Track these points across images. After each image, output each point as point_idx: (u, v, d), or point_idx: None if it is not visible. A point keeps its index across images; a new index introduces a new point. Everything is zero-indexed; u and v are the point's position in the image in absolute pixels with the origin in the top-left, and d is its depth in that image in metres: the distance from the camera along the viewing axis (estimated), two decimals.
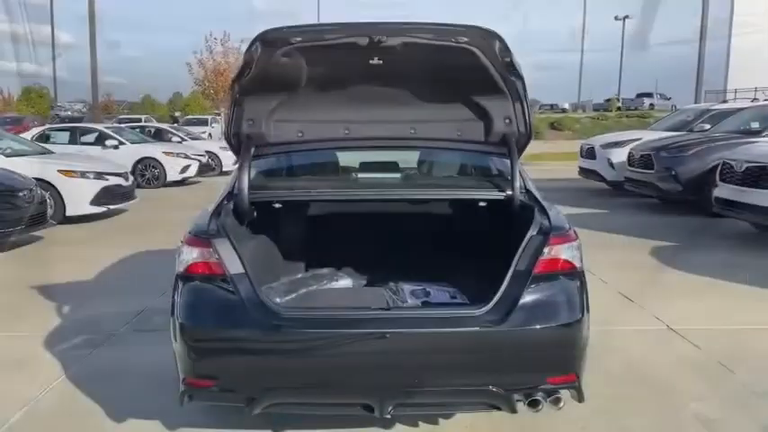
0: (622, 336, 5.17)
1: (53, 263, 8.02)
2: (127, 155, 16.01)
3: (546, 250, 3.21)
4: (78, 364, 4.67)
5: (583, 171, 14.94)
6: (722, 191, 9.11)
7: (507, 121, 3.75)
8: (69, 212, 10.72)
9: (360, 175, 4.31)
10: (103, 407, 3.96)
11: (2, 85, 52.50)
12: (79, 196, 10.85)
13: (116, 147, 16.21)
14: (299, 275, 4.28)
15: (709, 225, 10.17)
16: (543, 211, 3.45)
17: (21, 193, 8.75)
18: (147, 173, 16.59)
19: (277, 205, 3.86)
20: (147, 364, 4.52)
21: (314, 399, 3.18)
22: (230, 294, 3.13)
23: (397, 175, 4.32)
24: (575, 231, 3.37)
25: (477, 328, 3.03)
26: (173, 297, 3.28)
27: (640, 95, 55.20)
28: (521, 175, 3.70)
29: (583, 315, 3.19)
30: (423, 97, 3.76)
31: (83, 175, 11.07)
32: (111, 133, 17.07)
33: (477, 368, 3.10)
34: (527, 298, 3.13)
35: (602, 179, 14.17)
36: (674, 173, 11.36)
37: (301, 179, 4.37)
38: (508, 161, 3.84)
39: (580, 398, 3.23)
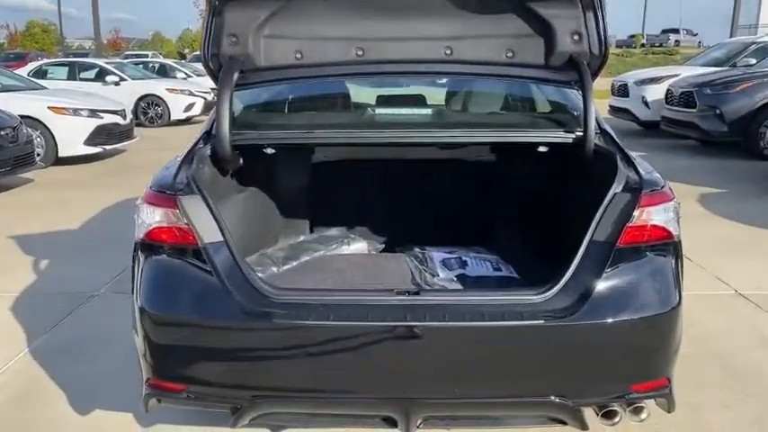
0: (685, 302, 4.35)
1: (38, 209, 7.31)
2: (128, 92, 15.16)
3: (636, 214, 2.36)
4: (48, 334, 3.99)
5: (614, 110, 13.87)
6: None
7: (576, 37, 2.80)
8: (62, 153, 9.99)
9: (377, 111, 3.40)
10: (68, 391, 3.26)
11: (8, 20, 51.10)
12: (72, 135, 10.07)
13: (117, 83, 15.41)
14: (302, 238, 3.47)
15: (758, 169, 9.23)
16: (628, 161, 2.58)
17: (2, 132, 7.94)
18: (150, 111, 15.76)
19: (269, 150, 3.00)
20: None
21: (317, 409, 2.41)
22: (203, 271, 2.34)
23: (426, 111, 3.40)
24: (670, 188, 2.51)
25: (541, 322, 2.22)
26: (132, 272, 2.48)
27: (665, 31, 52.97)
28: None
29: (680, 301, 2.37)
30: (462, 5, 2.80)
31: (75, 112, 10.27)
32: (112, 69, 16.18)
33: (537, 374, 2.32)
34: (608, 279, 2.32)
35: (635, 119, 13.16)
36: (718, 111, 10.44)
37: (300, 116, 3.47)
38: (577, 91, 2.93)
39: (670, 407, 2.46)
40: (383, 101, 3.65)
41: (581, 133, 2.77)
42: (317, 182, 3.67)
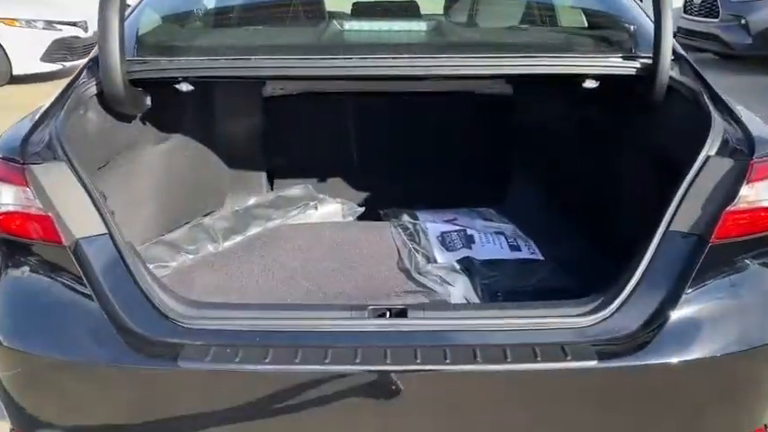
0: None
1: None
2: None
3: (742, 193, 1.54)
4: None
5: None
6: None
7: None
8: (17, 71, 8.98)
9: (349, 26, 2.42)
10: None
11: None
12: (26, 51, 9.01)
13: None
14: (253, 200, 2.59)
15: None
16: (722, 105, 1.72)
17: None
18: None
19: (184, 87, 2.09)
20: None
21: None
22: (72, 284, 1.53)
23: (420, 27, 2.45)
24: None
25: (594, 364, 1.42)
26: None
27: None
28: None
29: None
30: None
31: (29, 24, 9.19)
32: None
33: None
34: (696, 293, 1.51)
35: None
36: (743, 21, 9.48)
37: (235, 33, 2.48)
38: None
39: None
40: (359, 10, 2.69)
41: (648, 60, 1.88)
42: (271, 122, 2.76)
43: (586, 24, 2.46)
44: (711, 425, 1.60)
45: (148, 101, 2.05)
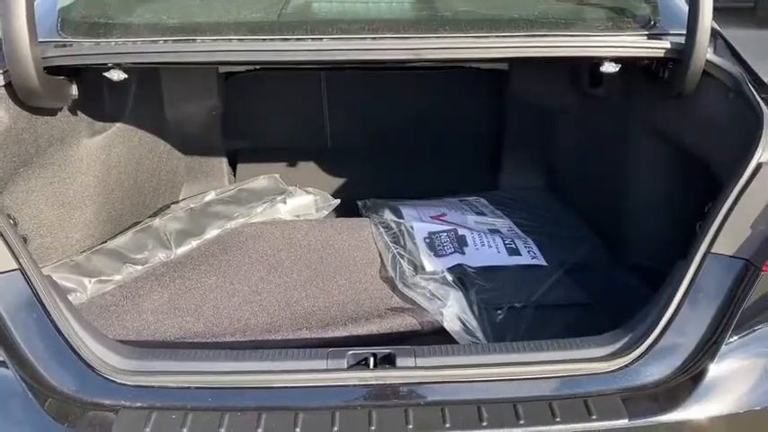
0: None
1: None
2: None
3: None
4: None
5: None
6: None
7: None
8: None
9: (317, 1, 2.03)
10: None
11: None
12: None
13: None
14: (212, 195, 2.25)
15: None
16: None
17: None
18: None
19: (116, 75, 1.71)
20: None
21: None
22: None
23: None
24: None
25: (625, 422, 1.17)
26: None
27: None
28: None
29: None
30: None
31: None
32: None
33: None
34: (744, 332, 1.25)
35: None
36: None
37: (176, 6, 1.97)
38: None
39: None
40: None
41: (680, 39, 1.57)
42: (231, 102, 2.40)
43: None
44: None
45: (74, 90, 1.69)
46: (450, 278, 1.81)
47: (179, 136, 2.36)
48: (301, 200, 2.29)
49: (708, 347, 1.25)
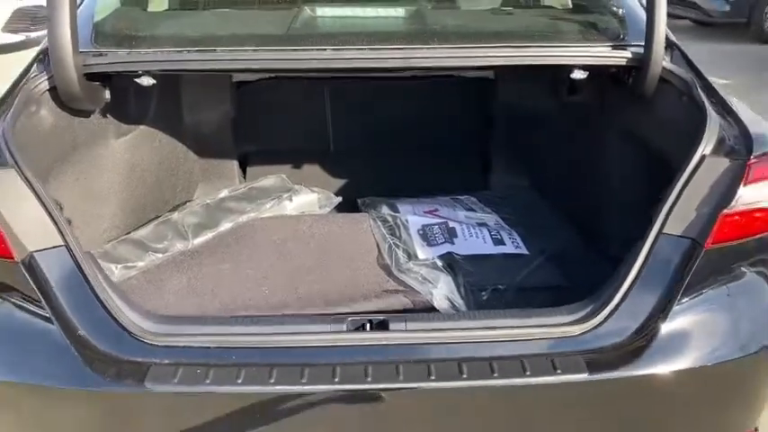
0: None
1: None
2: None
3: (740, 194, 1.46)
4: None
5: None
6: None
7: None
8: None
9: (320, 12, 2.26)
10: None
11: None
12: None
13: None
14: (224, 193, 2.46)
15: (763, 56, 8.32)
16: (717, 98, 1.64)
17: None
18: None
19: (146, 81, 1.94)
20: None
21: None
22: (25, 301, 1.43)
23: (397, 13, 2.31)
24: None
25: (585, 376, 1.36)
26: None
27: None
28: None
29: None
30: None
31: None
32: None
33: None
34: (690, 300, 1.45)
35: None
36: None
37: (198, 21, 2.29)
38: None
39: None
40: None
41: (639, 49, 1.78)
42: (243, 109, 2.62)
43: (574, 6, 2.34)
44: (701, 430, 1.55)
45: (107, 95, 1.92)
46: (440, 264, 2.01)
47: (195, 140, 2.58)
48: (306, 198, 2.49)
49: (660, 312, 1.45)
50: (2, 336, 1.44)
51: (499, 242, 2.16)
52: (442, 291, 1.91)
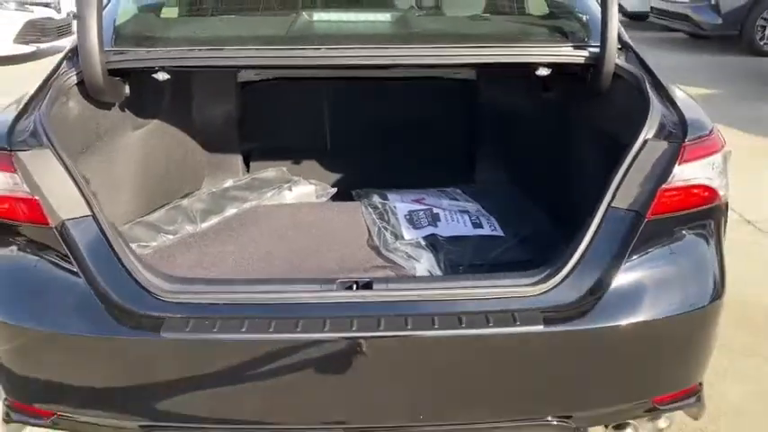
0: None
1: None
2: None
3: (676, 171, 1.68)
4: None
5: None
6: None
7: None
8: None
9: (317, 17, 2.52)
10: None
11: None
12: None
13: None
14: (229, 183, 2.70)
15: (754, 67, 8.57)
16: (662, 91, 1.87)
17: None
18: None
19: (161, 76, 2.19)
20: None
21: None
22: (59, 263, 1.65)
23: (385, 17, 2.56)
24: (719, 132, 1.82)
25: (540, 328, 1.57)
26: None
27: None
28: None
29: (724, 287, 1.75)
30: None
31: None
32: None
33: (530, 392, 1.72)
34: (632, 265, 1.67)
35: (622, 9, 12.22)
36: (713, 2, 9.68)
37: (207, 23, 2.55)
38: None
39: (699, 413, 1.89)
40: (327, 1, 2.79)
41: (596, 49, 2.02)
42: (247, 107, 2.87)
43: (545, 13, 2.59)
44: (648, 383, 1.76)
45: (127, 89, 2.15)
46: (423, 244, 2.23)
47: (203, 135, 2.81)
48: (304, 189, 2.72)
49: (608, 275, 1.66)
50: (37, 289, 1.66)
51: (478, 226, 2.38)
52: (425, 266, 2.13)
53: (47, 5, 9.76)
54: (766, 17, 9.51)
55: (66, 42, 7.76)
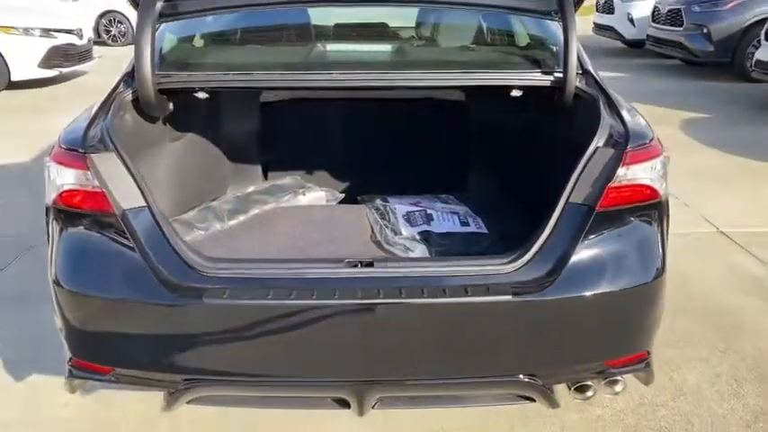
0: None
1: None
2: (88, 8, 14.26)
3: (620, 173, 2.07)
4: None
5: (598, 27, 13.34)
6: (766, 52, 7.97)
7: None
8: (15, 77, 9.36)
9: (331, 48, 2.97)
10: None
11: None
12: (24, 57, 9.40)
13: None
14: (251, 188, 3.13)
15: (744, 92, 8.94)
16: (613, 108, 2.26)
17: None
18: (113, 29, 14.88)
19: (201, 95, 2.62)
20: None
21: (259, 392, 2.17)
22: (120, 243, 2.03)
23: (387, 48, 3.01)
24: (659, 140, 2.21)
25: (509, 298, 1.95)
26: (47, 239, 2.17)
27: None
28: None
29: (664, 268, 2.12)
30: None
31: (26, 31, 9.58)
32: None
33: (504, 353, 2.09)
34: (585, 248, 2.05)
35: (620, 37, 12.69)
36: (705, 30, 10.08)
37: (239, 52, 3.04)
38: (555, 23, 2.57)
39: (648, 379, 2.25)
40: (338, 34, 3.24)
41: (560, 74, 2.42)
42: (267, 124, 3.31)
43: (523, 45, 3.02)
44: (600, 346, 2.13)
45: (171, 106, 2.57)
46: (418, 238, 2.63)
47: (229, 147, 3.23)
48: (316, 194, 3.13)
49: (565, 256, 2.04)
50: (101, 264, 2.05)
51: (465, 224, 2.77)
52: (419, 256, 2.52)
53: (70, 32, 10.22)
54: (756, 45, 9.87)
55: (86, 68, 8.20)
